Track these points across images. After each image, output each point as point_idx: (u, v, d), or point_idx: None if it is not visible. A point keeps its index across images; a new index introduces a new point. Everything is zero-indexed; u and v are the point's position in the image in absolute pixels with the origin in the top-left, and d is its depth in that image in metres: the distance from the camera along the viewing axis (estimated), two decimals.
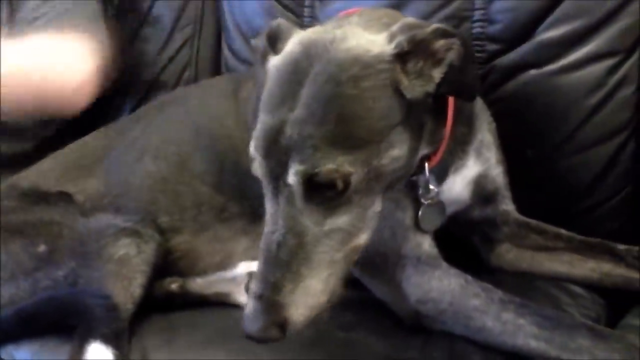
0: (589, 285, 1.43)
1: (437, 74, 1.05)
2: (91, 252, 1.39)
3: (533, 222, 1.48)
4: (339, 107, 1.01)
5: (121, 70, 2.05)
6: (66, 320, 1.30)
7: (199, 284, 1.46)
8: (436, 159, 1.24)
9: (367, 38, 1.07)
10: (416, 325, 1.27)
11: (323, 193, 1.01)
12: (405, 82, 1.04)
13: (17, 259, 1.42)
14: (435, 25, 1.05)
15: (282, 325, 1.00)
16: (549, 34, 1.54)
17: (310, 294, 1.02)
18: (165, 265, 1.48)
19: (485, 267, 1.52)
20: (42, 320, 1.33)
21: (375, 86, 1.03)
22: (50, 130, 2.07)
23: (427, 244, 1.29)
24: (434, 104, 1.13)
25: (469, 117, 1.35)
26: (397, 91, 1.04)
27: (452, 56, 1.05)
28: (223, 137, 1.53)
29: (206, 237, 1.55)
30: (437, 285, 1.25)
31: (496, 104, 1.56)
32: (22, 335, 1.35)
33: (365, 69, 1.03)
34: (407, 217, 1.29)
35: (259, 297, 1.01)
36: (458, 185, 1.39)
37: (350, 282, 1.32)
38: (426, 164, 1.23)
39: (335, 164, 0.99)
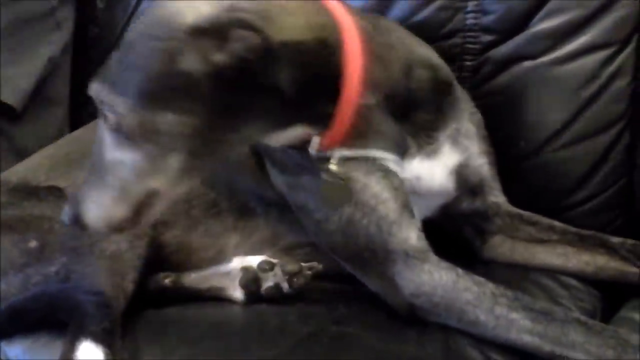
0: (584, 278, 1.43)
1: (218, 58, 1.07)
2: (82, 248, 1.37)
3: (526, 213, 1.47)
4: (124, 51, 1.15)
5: None
6: (58, 316, 1.29)
7: (193, 279, 1.45)
8: (333, 139, 1.25)
9: (193, 6, 1.11)
10: (411, 318, 1.27)
11: (111, 125, 1.15)
12: (184, 54, 1.08)
13: (8, 255, 1.40)
14: (244, 16, 1.08)
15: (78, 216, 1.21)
16: (543, 25, 1.54)
17: (100, 204, 1.19)
18: (157, 260, 1.46)
19: (478, 259, 1.51)
20: (33, 316, 1.32)
21: (161, 48, 1.09)
22: None
23: (414, 237, 1.28)
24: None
25: (436, 104, 1.37)
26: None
27: (237, 47, 1.07)
28: None
29: (198, 232, 1.54)
30: (429, 279, 1.24)
31: (490, 96, 1.57)
32: (13, 331, 1.33)
33: (161, 28, 1.11)
34: (390, 210, 1.28)
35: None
36: (438, 174, 1.39)
37: (343, 276, 1.36)
38: (314, 142, 1.25)
39: (107, 101, 1.14)
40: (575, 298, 1.38)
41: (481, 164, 1.43)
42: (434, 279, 1.23)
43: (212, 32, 1.07)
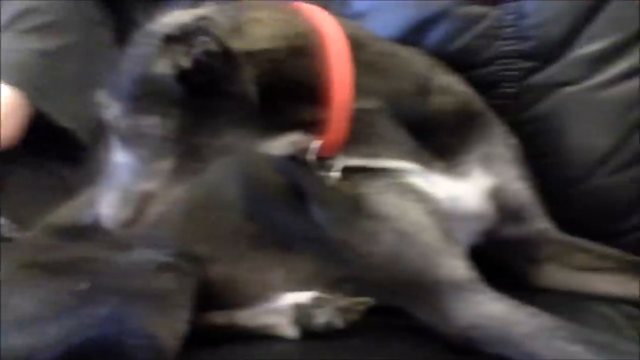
0: None
1: (184, 62, 1.15)
2: (133, 289, 1.37)
3: (577, 240, 1.46)
4: (120, 60, 1.25)
5: None
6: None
7: (244, 316, 1.45)
8: (332, 144, 1.28)
9: (175, 17, 1.22)
10: (467, 349, 1.24)
11: (110, 130, 1.27)
12: (155, 58, 1.17)
13: (60, 298, 1.39)
14: (209, 24, 1.17)
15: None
16: (584, 49, 1.54)
17: (109, 204, 1.29)
18: (204, 297, 1.45)
19: (532, 287, 1.50)
20: None
21: (140, 54, 1.21)
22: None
23: (462, 266, 1.26)
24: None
25: (460, 129, 1.38)
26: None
27: (198, 52, 1.14)
28: (251, 165, 1.52)
29: (243, 267, 1.53)
30: (482, 312, 1.22)
31: (532, 122, 1.57)
32: None
33: (143, 37, 1.22)
34: (434, 238, 1.27)
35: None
36: (473, 197, 1.38)
37: (393, 309, 1.35)
38: (312, 149, 1.29)
39: (105, 105, 1.26)
40: (638, 329, 1.33)
41: (519, 188, 1.42)
42: (487, 312, 1.21)
43: (181, 38, 1.15)
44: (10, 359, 1.40)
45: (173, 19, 1.23)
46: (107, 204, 1.29)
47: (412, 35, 1.63)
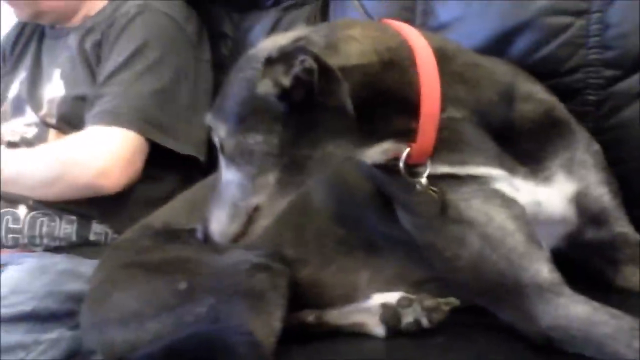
0: None
1: (286, 81, 1.20)
2: (229, 288, 1.44)
3: None
4: (224, 84, 1.34)
5: None
6: (212, 357, 1.34)
7: (335, 315, 1.50)
8: (421, 152, 1.32)
9: (274, 41, 1.30)
10: (549, 348, 1.27)
11: (220, 151, 1.34)
12: (259, 80, 1.21)
13: (160, 296, 1.47)
14: (300, 44, 1.23)
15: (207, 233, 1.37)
16: None
17: (219, 221, 1.35)
18: (294, 298, 1.50)
19: (612, 288, 1.50)
20: (187, 356, 1.37)
21: (244, 77, 1.29)
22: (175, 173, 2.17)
23: (546, 270, 1.28)
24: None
25: (544, 136, 1.40)
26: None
27: (297, 70, 1.18)
28: (338, 170, 1.54)
29: (330, 269, 1.59)
30: (564, 313, 1.24)
31: (615, 130, 1.59)
32: None
33: (247, 62, 1.31)
34: (518, 242, 1.29)
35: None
36: (556, 201, 1.40)
37: (478, 308, 1.38)
38: (403, 157, 1.32)
39: (214, 128, 1.33)
40: None
41: (602, 193, 1.44)
42: (569, 313, 1.23)
43: (281, 59, 1.20)
44: (111, 354, 1.49)
45: (272, 42, 1.30)
46: (216, 220, 1.35)
47: (497, 45, 1.66)
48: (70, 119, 2.11)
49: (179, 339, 1.39)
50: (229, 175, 1.33)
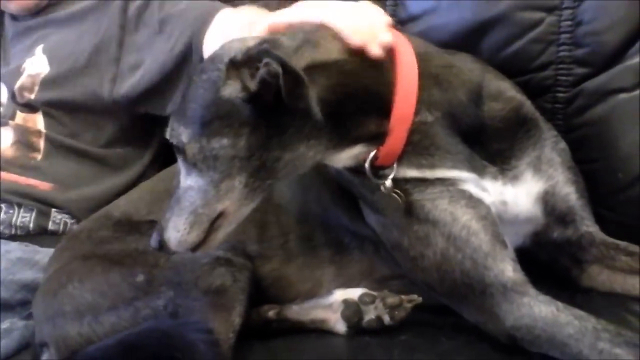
0: None
1: (252, 85, 1.19)
2: (188, 282, 1.42)
3: (622, 243, 1.46)
4: (187, 87, 1.30)
5: None
6: (169, 352, 1.31)
7: (295, 311, 1.48)
8: (390, 155, 1.31)
9: (240, 42, 1.27)
10: (513, 348, 1.27)
11: (180, 156, 1.30)
12: (224, 83, 1.21)
13: (117, 289, 1.45)
14: (265, 47, 1.20)
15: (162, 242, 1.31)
16: (638, 58, 1.54)
17: (177, 228, 1.29)
18: (256, 293, 1.49)
19: (578, 287, 1.49)
20: (144, 351, 1.34)
21: (209, 79, 1.24)
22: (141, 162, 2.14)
23: (510, 269, 1.28)
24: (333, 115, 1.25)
25: (512, 134, 1.40)
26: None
27: (262, 74, 1.17)
28: None
29: (294, 265, 1.57)
30: (528, 313, 1.24)
31: (584, 127, 1.58)
32: None
33: (211, 63, 1.27)
34: (483, 242, 1.29)
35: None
36: (523, 200, 1.40)
37: (441, 307, 1.36)
38: (369, 158, 1.31)
39: (175, 132, 1.28)
40: None
41: (568, 192, 1.43)
42: (533, 313, 1.23)
43: (246, 62, 1.19)
44: (64, 347, 1.45)
45: (238, 43, 1.26)
46: (174, 228, 1.30)
47: (469, 39, 1.64)
48: (56, 102, 2.07)
49: (135, 333, 1.37)
50: (189, 181, 1.29)
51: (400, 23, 1.77)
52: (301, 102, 1.17)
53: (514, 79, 1.48)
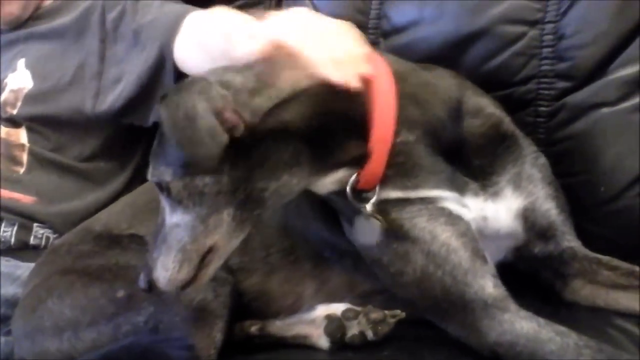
0: None
1: (224, 137, 1.16)
2: (169, 297, 1.39)
3: (605, 258, 1.46)
4: (160, 129, 1.24)
5: None
6: None
7: (278, 326, 1.47)
8: (371, 177, 1.30)
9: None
10: None
11: (163, 194, 1.26)
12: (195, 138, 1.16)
13: (98, 304, 1.43)
14: (229, 103, 1.16)
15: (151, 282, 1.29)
16: (620, 72, 1.56)
17: (165, 267, 1.26)
18: (238, 307, 1.48)
19: (561, 300, 1.50)
20: None
21: (180, 127, 1.18)
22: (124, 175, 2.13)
23: (491, 285, 1.28)
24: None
25: (492, 150, 1.40)
26: None
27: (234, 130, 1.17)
28: None
29: (276, 279, 1.56)
30: (510, 329, 1.23)
31: (566, 141, 1.59)
32: None
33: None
34: (463, 259, 1.28)
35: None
36: (503, 217, 1.40)
37: (424, 322, 1.36)
38: (350, 182, 1.30)
39: (156, 171, 1.26)
40: None
41: (548, 208, 1.44)
42: (515, 329, 1.23)
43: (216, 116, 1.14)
44: None
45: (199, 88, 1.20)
46: (162, 267, 1.27)
47: (451, 52, 1.65)
48: (40, 118, 2.06)
49: (116, 350, 1.35)
50: (174, 218, 1.27)
51: (384, 35, 1.77)
52: (280, 133, 1.20)
53: (496, 92, 1.49)
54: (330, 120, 1.25)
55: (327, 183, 1.32)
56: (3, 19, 2.16)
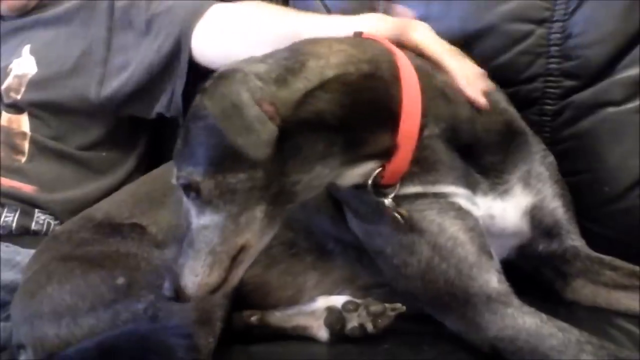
0: None
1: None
2: None
3: (607, 258, 1.47)
4: (184, 130, 1.24)
5: None
6: (147, 356, 1.29)
7: (278, 317, 1.47)
8: (396, 171, 1.29)
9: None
10: (496, 357, 1.26)
11: (191, 195, 1.22)
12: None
13: (97, 291, 1.42)
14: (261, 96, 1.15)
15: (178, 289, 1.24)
16: (627, 72, 1.55)
17: (194, 272, 1.22)
18: (238, 298, 1.47)
19: (562, 300, 1.50)
20: (123, 354, 1.31)
21: (207, 126, 1.19)
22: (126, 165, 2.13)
23: (495, 280, 1.28)
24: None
25: (504, 147, 1.40)
26: None
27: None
28: None
29: (277, 270, 1.56)
30: (512, 324, 1.23)
31: (571, 140, 1.58)
32: None
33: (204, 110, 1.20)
34: (469, 253, 1.29)
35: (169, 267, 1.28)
36: (511, 215, 1.40)
37: (424, 316, 1.36)
38: (372, 176, 1.29)
39: (183, 173, 1.22)
40: None
41: (555, 207, 1.44)
42: (517, 324, 1.23)
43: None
44: (42, 349, 1.43)
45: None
46: (190, 272, 1.23)
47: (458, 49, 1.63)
48: (43, 104, 2.06)
49: (114, 337, 1.34)
50: (202, 220, 1.23)
51: None
52: (313, 122, 1.19)
53: (503, 90, 1.47)
54: (361, 110, 1.23)
55: (355, 175, 1.30)
56: (10, 6, 2.17)
